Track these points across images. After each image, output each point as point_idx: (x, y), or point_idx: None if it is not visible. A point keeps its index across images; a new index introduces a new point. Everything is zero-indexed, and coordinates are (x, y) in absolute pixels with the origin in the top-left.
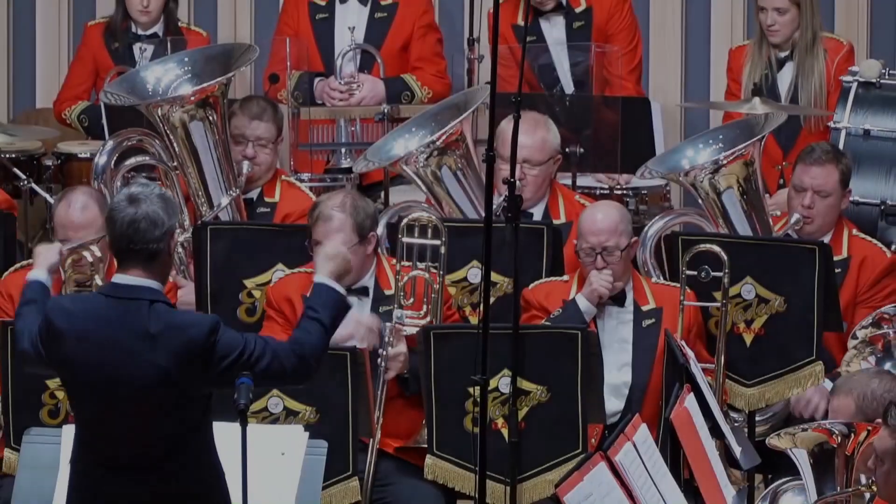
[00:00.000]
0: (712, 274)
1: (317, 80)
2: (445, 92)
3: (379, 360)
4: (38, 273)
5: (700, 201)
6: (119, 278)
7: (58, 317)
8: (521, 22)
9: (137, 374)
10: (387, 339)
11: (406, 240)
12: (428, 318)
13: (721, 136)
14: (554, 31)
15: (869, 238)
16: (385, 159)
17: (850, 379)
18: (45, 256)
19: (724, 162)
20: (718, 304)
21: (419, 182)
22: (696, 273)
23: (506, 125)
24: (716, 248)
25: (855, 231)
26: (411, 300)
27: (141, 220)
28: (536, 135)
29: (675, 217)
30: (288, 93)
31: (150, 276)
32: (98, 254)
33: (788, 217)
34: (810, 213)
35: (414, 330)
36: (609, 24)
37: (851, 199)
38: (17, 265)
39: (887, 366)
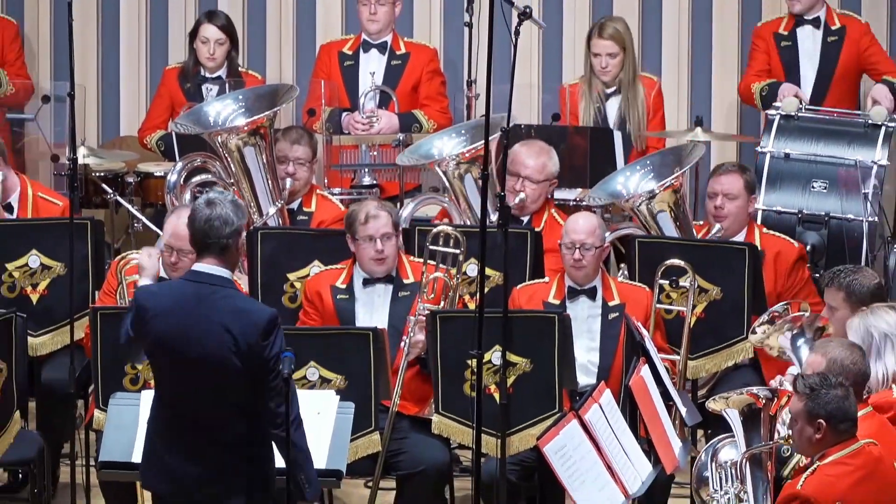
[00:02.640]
0: (680, 283)
1: (344, 114)
2: (447, 124)
3: (402, 345)
4: (145, 282)
5: (639, 221)
6: (198, 266)
7: (145, 298)
8: (782, 30)
9: (210, 345)
10: (410, 329)
11: (432, 247)
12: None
13: (651, 169)
14: (807, 41)
15: (777, 234)
16: (425, 156)
17: (828, 343)
18: (149, 267)
19: (658, 191)
20: (684, 309)
21: (446, 181)
22: (667, 281)
23: (518, 147)
24: (681, 263)
25: (765, 230)
26: (432, 296)
27: (215, 219)
28: (539, 160)
29: (620, 231)
30: (322, 124)
31: (223, 265)
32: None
33: (710, 227)
34: (721, 213)
35: None
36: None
37: (774, 208)
38: (122, 255)
39: (800, 342)
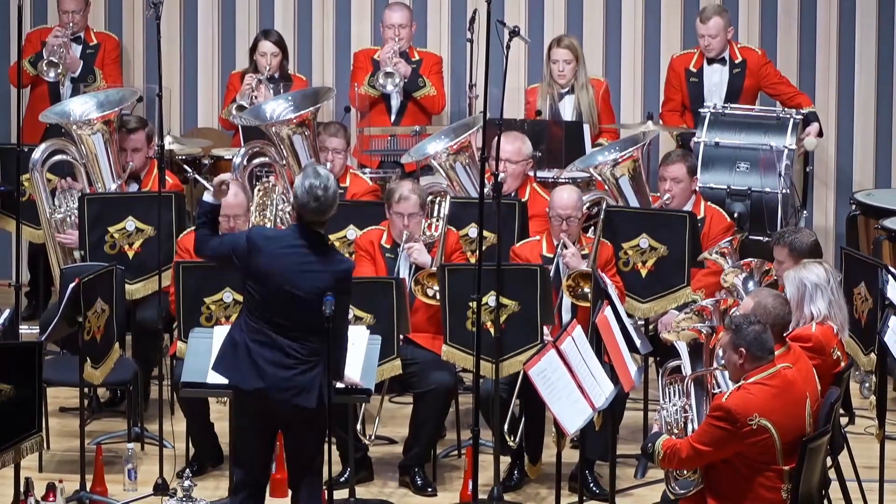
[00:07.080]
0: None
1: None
2: (442, 95)
3: (402, 250)
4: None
5: (605, 185)
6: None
7: (261, 238)
8: (692, 67)
9: (304, 287)
10: (404, 241)
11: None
12: (438, 232)
13: (617, 146)
14: (714, 76)
15: (716, 206)
16: (422, 155)
17: (760, 291)
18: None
19: (620, 160)
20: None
21: (441, 171)
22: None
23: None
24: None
25: (709, 203)
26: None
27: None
28: (515, 144)
29: (592, 196)
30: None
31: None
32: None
33: (660, 198)
34: (672, 193)
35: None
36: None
37: (708, 185)
38: (187, 230)
39: (750, 283)
